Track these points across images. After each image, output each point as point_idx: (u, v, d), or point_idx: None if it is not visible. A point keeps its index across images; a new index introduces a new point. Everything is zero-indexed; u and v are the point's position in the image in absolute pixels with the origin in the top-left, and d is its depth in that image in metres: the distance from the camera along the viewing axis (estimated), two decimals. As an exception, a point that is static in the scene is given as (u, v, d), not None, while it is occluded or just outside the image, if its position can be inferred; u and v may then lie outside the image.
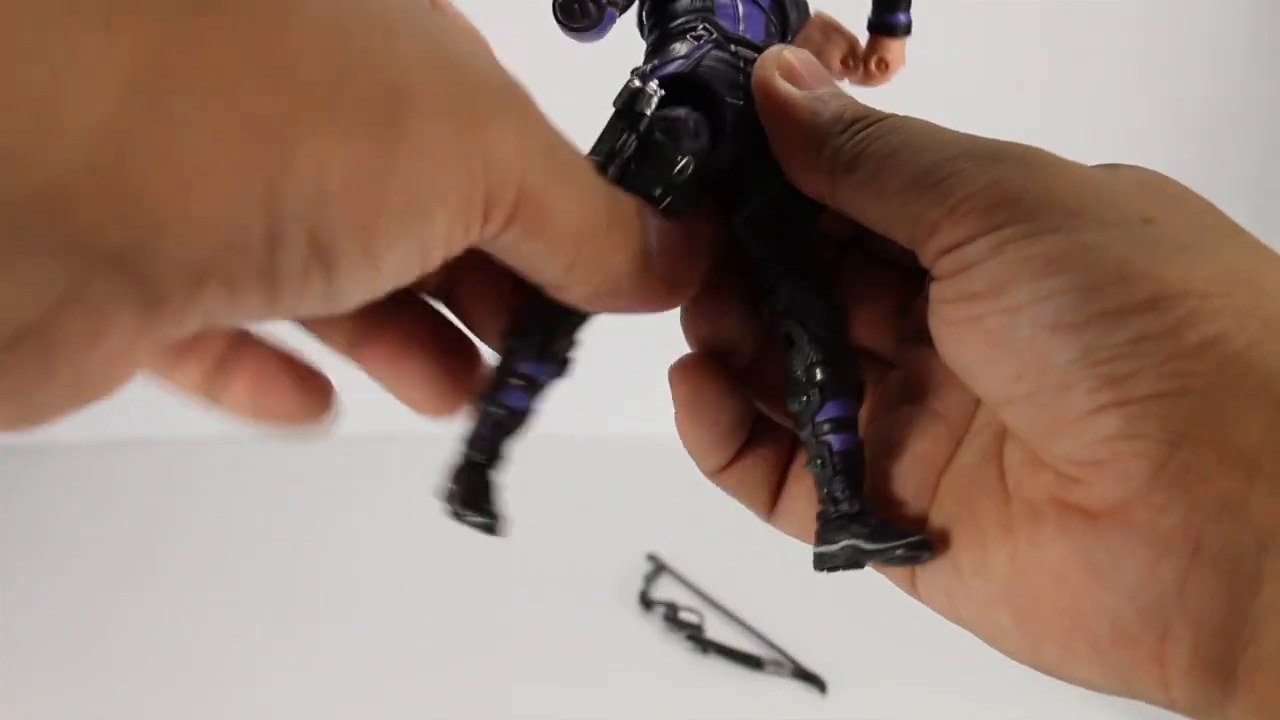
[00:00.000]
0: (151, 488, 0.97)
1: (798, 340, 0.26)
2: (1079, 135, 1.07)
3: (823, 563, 0.26)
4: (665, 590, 0.76)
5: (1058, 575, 0.21)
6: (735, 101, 0.26)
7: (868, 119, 0.24)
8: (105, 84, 0.13)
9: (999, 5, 1.01)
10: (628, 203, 0.22)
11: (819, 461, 0.25)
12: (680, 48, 0.26)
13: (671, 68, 0.26)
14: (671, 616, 0.72)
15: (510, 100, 0.19)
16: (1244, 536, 0.18)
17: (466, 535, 0.88)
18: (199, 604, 0.76)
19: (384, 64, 0.16)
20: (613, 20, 0.27)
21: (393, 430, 1.06)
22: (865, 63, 0.29)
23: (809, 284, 0.26)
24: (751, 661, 0.69)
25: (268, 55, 0.15)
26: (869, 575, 0.32)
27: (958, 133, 0.23)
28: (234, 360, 0.24)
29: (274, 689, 0.66)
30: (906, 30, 0.29)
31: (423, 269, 0.18)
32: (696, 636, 0.70)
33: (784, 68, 0.25)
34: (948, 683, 0.63)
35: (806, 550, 0.28)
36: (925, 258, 0.22)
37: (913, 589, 0.25)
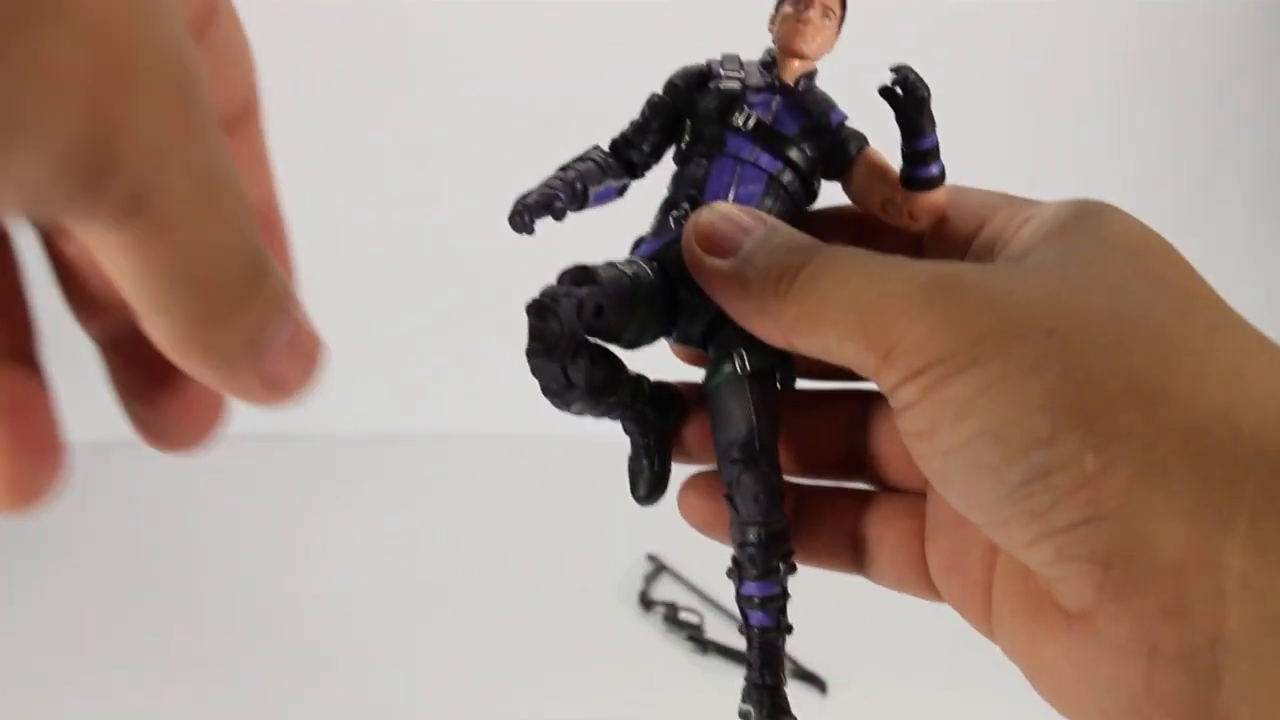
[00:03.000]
0: (152, 488, 0.97)
1: (732, 514, 0.28)
2: (1079, 138, 1.07)
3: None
4: (665, 590, 0.76)
5: (1059, 668, 0.22)
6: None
7: (790, 273, 0.24)
8: None
9: (997, 8, 1.01)
10: (277, 285, 0.18)
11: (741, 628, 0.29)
12: (660, 226, 0.29)
13: (640, 251, 0.28)
14: (671, 616, 0.72)
15: (179, 74, 0.15)
16: (1192, 637, 0.19)
17: (465, 536, 0.89)
18: (199, 604, 0.76)
19: None
20: (606, 196, 0.29)
21: (393, 430, 1.06)
22: (901, 211, 0.29)
23: (748, 467, 0.27)
24: (752, 661, 0.69)
25: None
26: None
27: (875, 263, 0.24)
28: None
29: (273, 688, 0.66)
30: (936, 183, 0.28)
31: None
32: (696, 636, 0.70)
33: (703, 238, 0.26)
34: (948, 683, 0.63)
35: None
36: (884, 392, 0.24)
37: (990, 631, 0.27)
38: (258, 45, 0.22)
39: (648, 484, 0.30)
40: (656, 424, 0.29)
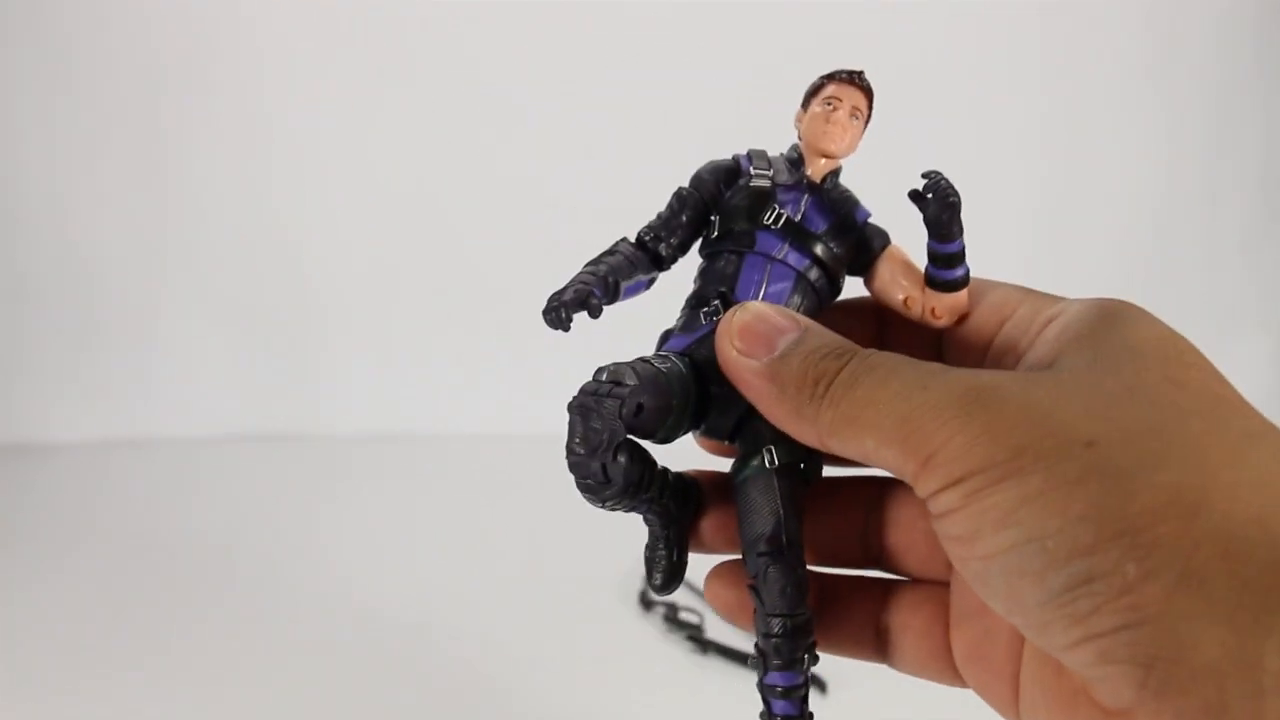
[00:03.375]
0: (151, 488, 0.97)
1: (757, 604, 0.28)
2: (1080, 137, 1.07)
3: None
4: (665, 590, 0.76)
5: None
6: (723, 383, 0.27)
7: (826, 377, 0.25)
8: None
9: (998, 7, 1.01)
10: None
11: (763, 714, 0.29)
12: (690, 322, 0.29)
13: (670, 345, 0.29)
14: (671, 616, 0.72)
15: None
16: None
17: (465, 536, 0.88)
18: (199, 604, 0.76)
19: None
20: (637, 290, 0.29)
21: (393, 430, 1.06)
22: (924, 310, 0.29)
23: (775, 561, 0.28)
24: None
25: None
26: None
27: (911, 370, 0.24)
28: None
29: (272, 687, 0.66)
30: (960, 285, 0.29)
31: None
32: (696, 636, 0.70)
33: (738, 338, 0.26)
34: (948, 683, 0.62)
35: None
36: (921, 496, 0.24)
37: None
38: (260, 45, 0.23)
39: (665, 574, 0.30)
40: (677, 516, 0.30)
